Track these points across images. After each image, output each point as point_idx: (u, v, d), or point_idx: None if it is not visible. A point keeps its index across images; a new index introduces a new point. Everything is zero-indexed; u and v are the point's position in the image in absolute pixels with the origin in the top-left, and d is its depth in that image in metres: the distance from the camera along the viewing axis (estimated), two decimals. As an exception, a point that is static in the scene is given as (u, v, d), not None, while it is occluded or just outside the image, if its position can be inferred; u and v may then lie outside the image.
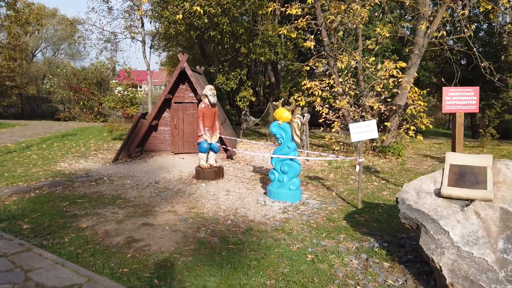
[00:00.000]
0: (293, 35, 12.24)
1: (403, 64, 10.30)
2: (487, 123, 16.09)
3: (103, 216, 5.88)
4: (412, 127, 10.78)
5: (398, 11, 19.69)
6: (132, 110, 14.89)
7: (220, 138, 9.14)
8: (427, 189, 4.26)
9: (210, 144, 8.48)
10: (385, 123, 11.19)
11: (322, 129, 12.00)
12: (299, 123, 6.90)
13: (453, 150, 6.44)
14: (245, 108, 15.03)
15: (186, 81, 11.09)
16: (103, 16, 46.50)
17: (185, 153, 11.32)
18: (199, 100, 10.93)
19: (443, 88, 6.32)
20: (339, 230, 5.37)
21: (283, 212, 6.35)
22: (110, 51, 29.91)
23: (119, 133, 15.19)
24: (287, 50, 14.19)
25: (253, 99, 14.40)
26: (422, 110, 10.59)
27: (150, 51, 25.14)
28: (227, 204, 6.82)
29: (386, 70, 10.05)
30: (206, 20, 12.51)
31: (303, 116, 10.69)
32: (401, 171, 9.97)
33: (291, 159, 6.91)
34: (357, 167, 6.33)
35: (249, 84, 14.76)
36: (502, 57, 20.32)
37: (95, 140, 14.80)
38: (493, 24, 19.29)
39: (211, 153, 8.70)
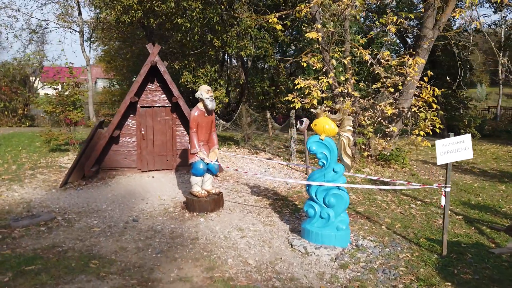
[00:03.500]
0: (278, 27, 10.36)
1: (422, 61, 8.88)
2: (466, 123, 15.49)
3: (77, 303, 3.57)
4: (422, 132, 9.43)
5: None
6: (75, 115, 12.03)
7: None
8: None
9: (208, 164, 6.33)
10: (391, 128, 9.70)
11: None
12: (351, 138, 5.04)
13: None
14: (217, 111, 12.87)
15: (156, 79, 8.74)
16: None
17: (155, 170, 8.96)
18: (175, 103, 8.65)
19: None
20: (462, 305, 3.61)
21: (341, 267, 4.46)
22: (37, 43, 25.67)
23: (58, 143, 12.21)
24: (267, 45, 12.32)
25: (227, 100, 12.31)
26: (436, 114, 9.27)
27: (90, 44, 21.75)
28: (254, 255, 4.79)
29: (410, 65, 8.53)
30: (172, 4, 10.15)
31: (302, 121, 8.87)
32: (422, 185, 8.52)
33: (338, 188, 5.05)
34: (443, 199, 4.60)
35: (221, 83, 12.63)
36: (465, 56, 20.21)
37: (28, 152, 11.73)
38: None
39: (207, 175, 6.52)
